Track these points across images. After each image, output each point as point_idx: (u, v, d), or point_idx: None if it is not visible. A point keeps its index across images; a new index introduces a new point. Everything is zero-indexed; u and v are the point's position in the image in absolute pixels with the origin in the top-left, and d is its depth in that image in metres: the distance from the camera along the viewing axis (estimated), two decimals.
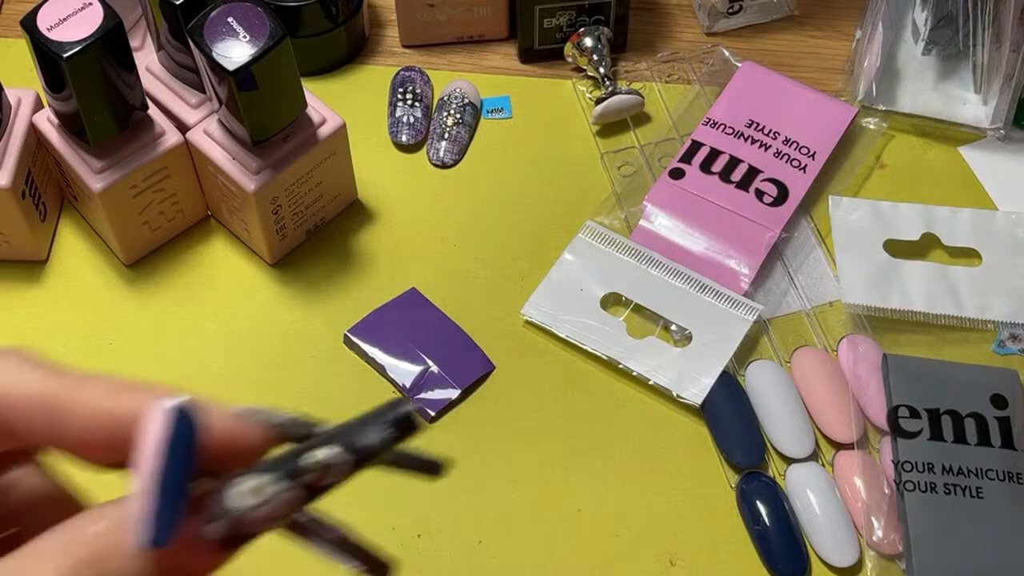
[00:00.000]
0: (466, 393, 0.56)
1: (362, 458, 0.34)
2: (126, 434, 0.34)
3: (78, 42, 0.50)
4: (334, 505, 0.53)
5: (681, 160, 0.62)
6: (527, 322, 0.58)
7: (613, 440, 0.54)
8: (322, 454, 0.34)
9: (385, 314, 0.58)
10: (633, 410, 0.55)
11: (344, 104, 0.59)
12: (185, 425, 0.34)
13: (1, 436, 0.35)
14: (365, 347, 0.57)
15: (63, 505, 0.38)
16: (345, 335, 0.57)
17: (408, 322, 0.58)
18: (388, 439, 0.34)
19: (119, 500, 0.34)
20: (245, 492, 0.34)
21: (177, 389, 0.34)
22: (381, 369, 0.56)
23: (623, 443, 0.54)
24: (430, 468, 0.38)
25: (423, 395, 0.55)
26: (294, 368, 0.57)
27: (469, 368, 0.56)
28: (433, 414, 0.55)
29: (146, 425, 0.33)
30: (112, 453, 0.35)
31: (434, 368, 0.56)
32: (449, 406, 0.55)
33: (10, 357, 0.35)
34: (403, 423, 0.34)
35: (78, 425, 0.34)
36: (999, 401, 0.53)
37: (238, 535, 0.34)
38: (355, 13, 0.66)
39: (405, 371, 0.56)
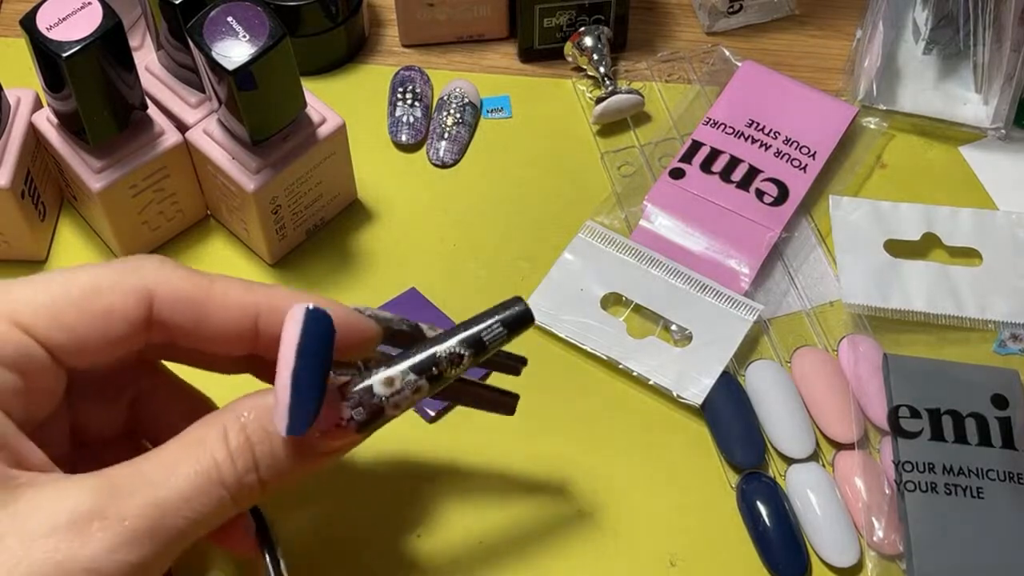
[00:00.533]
0: None
1: (478, 351, 0.41)
2: (256, 326, 0.40)
3: (77, 41, 0.50)
4: (335, 505, 0.53)
5: (681, 160, 0.62)
6: None
7: (613, 440, 0.54)
8: (443, 349, 0.41)
9: (385, 311, 0.58)
10: (633, 410, 0.55)
11: (344, 104, 0.59)
12: (321, 325, 0.39)
13: (155, 328, 0.39)
14: None
15: (196, 411, 0.41)
16: None
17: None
18: (500, 334, 0.41)
19: (262, 392, 0.40)
20: (383, 382, 0.40)
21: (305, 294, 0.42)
22: None
23: (623, 443, 0.54)
24: (518, 361, 0.48)
25: None
26: None
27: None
28: (433, 414, 0.55)
29: (286, 325, 0.39)
30: (244, 344, 0.40)
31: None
32: (449, 406, 0.55)
33: (155, 259, 0.40)
34: (515, 320, 0.41)
35: (217, 317, 0.39)
36: (1000, 401, 0.53)
37: (375, 419, 0.40)
38: (355, 13, 0.66)
39: None
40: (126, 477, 0.37)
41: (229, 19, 0.51)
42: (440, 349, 0.41)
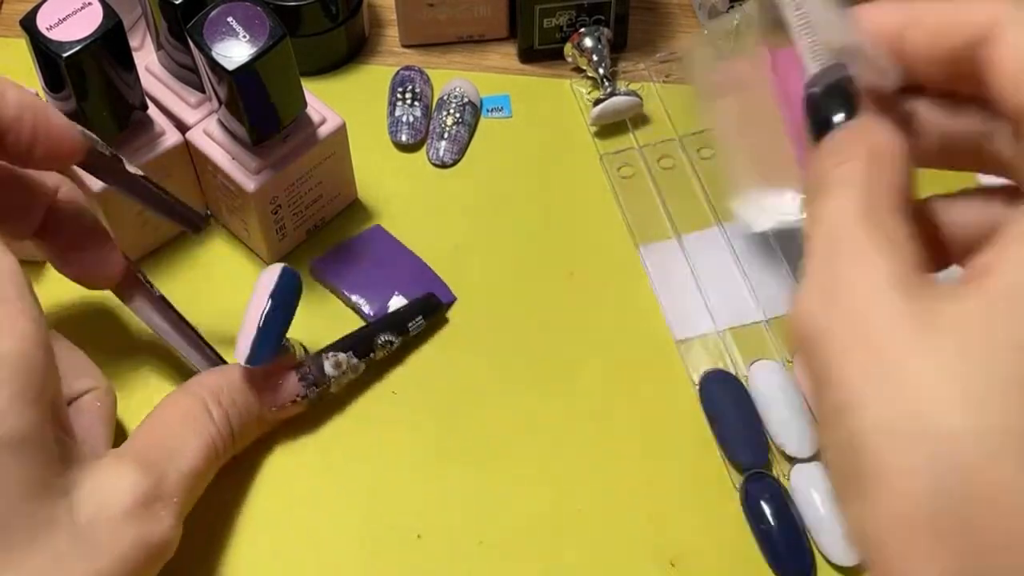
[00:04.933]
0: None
1: (403, 336, 0.55)
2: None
3: (77, 42, 0.50)
4: (338, 506, 0.53)
5: None
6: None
7: (613, 439, 0.54)
8: (380, 338, 0.54)
9: (350, 248, 0.60)
10: (634, 409, 0.55)
11: (344, 104, 0.59)
12: (293, 280, 0.49)
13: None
14: (330, 279, 0.58)
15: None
16: (311, 266, 0.59)
17: (372, 255, 0.60)
18: (421, 324, 0.56)
19: (224, 369, 0.51)
20: (333, 364, 0.52)
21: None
22: (347, 300, 0.58)
23: (624, 442, 0.54)
24: (200, 219, 0.53)
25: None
26: None
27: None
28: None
29: (261, 276, 0.49)
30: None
31: (399, 298, 0.58)
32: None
33: None
34: (431, 310, 0.57)
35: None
36: None
37: (322, 396, 0.52)
38: (355, 13, 0.66)
39: (368, 301, 0.58)
40: (154, 454, 0.45)
41: (229, 19, 0.51)
42: (378, 338, 0.54)
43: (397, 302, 0.57)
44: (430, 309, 0.56)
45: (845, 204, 0.29)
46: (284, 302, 0.49)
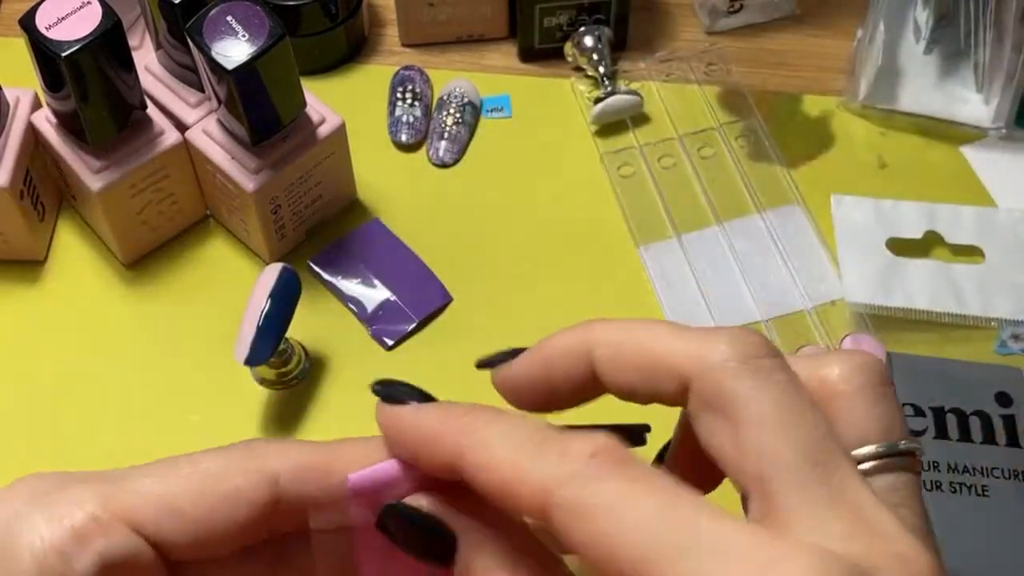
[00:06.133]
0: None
1: None
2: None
3: (76, 41, 0.50)
4: None
5: None
6: None
7: None
8: None
9: (347, 244, 0.59)
10: (633, 408, 0.55)
11: (343, 103, 0.59)
12: (293, 281, 0.49)
13: (282, 507, 0.33)
14: (327, 276, 0.58)
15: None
16: (308, 264, 0.59)
17: (370, 252, 0.60)
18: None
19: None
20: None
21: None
22: (342, 297, 0.58)
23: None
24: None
25: (382, 324, 0.57)
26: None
27: (427, 299, 0.58)
28: (391, 343, 0.57)
29: (261, 276, 0.48)
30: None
31: (392, 298, 0.58)
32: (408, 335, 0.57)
33: (271, 439, 0.36)
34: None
35: (339, 485, 0.33)
36: (1004, 399, 0.52)
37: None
38: (355, 12, 0.66)
39: (365, 299, 0.58)
40: None
41: (228, 19, 0.51)
42: None
43: (392, 301, 0.57)
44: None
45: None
46: (283, 302, 0.49)
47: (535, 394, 0.33)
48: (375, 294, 0.58)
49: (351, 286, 0.58)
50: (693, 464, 0.31)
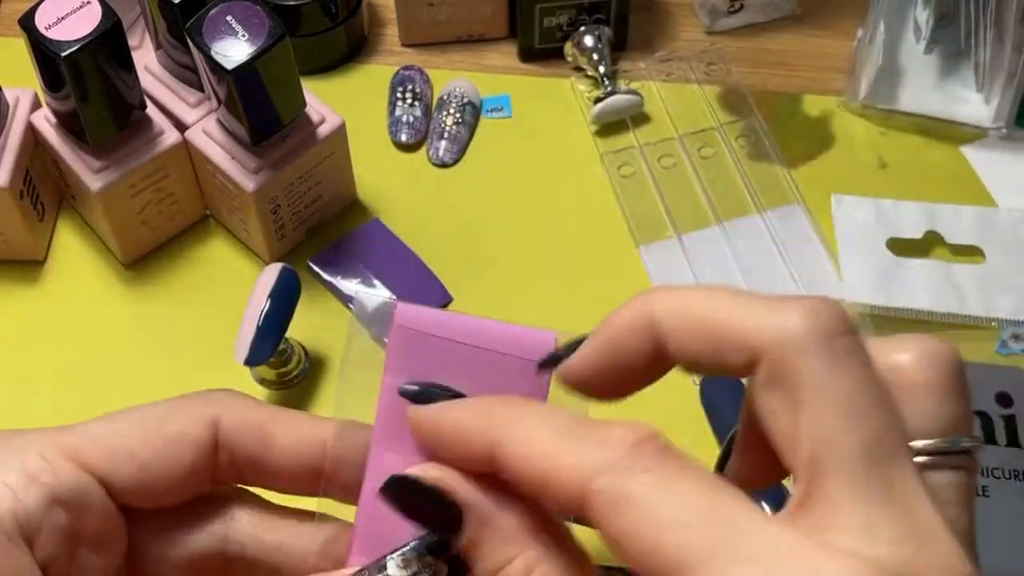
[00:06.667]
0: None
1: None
2: (318, 462, 0.35)
3: (76, 41, 0.50)
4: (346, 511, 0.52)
5: None
6: None
7: None
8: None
9: (347, 244, 0.59)
10: (634, 408, 0.55)
11: (343, 103, 0.59)
12: (293, 281, 0.49)
13: (221, 458, 0.34)
14: (327, 276, 0.58)
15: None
16: (308, 264, 0.59)
17: (370, 252, 0.59)
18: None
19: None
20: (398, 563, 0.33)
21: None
22: (342, 297, 0.58)
23: None
24: None
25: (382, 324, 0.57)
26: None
27: (426, 299, 0.58)
28: None
29: (261, 277, 0.47)
30: (308, 480, 0.34)
31: (393, 298, 0.57)
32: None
33: (223, 390, 0.36)
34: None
35: (283, 442, 0.35)
36: (1004, 399, 0.52)
37: None
38: (355, 12, 0.66)
39: (366, 299, 0.57)
40: None
41: (228, 18, 0.51)
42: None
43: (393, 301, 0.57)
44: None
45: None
46: (283, 302, 0.49)
47: (607, 380, 0.31)
48: (376, 294, 0.58)
49: (351, 286, 0.58)
50: (761, 451, 0.29)
